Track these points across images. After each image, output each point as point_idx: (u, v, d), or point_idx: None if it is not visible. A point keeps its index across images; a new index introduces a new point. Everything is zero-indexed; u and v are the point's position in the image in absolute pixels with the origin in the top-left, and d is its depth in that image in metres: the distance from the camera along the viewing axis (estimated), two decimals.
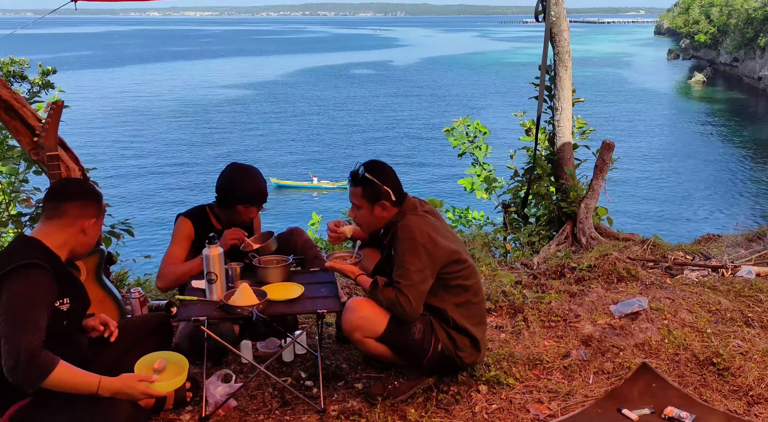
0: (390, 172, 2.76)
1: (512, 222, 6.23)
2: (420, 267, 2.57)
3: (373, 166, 2.74)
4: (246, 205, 3.18)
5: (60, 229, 2.25)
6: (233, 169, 3.23)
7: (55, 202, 2.27)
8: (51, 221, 2.25)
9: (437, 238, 2.64)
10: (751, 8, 45.98)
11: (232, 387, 2.75)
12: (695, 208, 21.37)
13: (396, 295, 2.56)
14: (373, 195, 2.71)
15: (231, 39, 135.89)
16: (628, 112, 38.48)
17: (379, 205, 2.72)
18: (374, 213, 2.74)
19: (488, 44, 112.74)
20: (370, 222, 2.78)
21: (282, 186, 22.89)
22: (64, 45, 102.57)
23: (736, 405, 2.73)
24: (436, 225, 2.73)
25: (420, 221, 2.66)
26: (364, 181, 2.71)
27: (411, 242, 2.58)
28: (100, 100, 43.05)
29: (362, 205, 2.74)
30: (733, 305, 3.75)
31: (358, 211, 2.77)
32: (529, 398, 2.81)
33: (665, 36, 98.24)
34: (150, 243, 13.19)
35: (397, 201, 2.74)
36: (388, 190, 2.70)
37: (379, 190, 2.70)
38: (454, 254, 2.67)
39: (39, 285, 2.11)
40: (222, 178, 3.22)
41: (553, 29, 5.81)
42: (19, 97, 3.62)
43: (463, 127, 6.88)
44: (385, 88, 51.43)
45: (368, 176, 2.70)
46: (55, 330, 2.18)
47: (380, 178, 2.71)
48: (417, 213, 2.72)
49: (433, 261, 2.61)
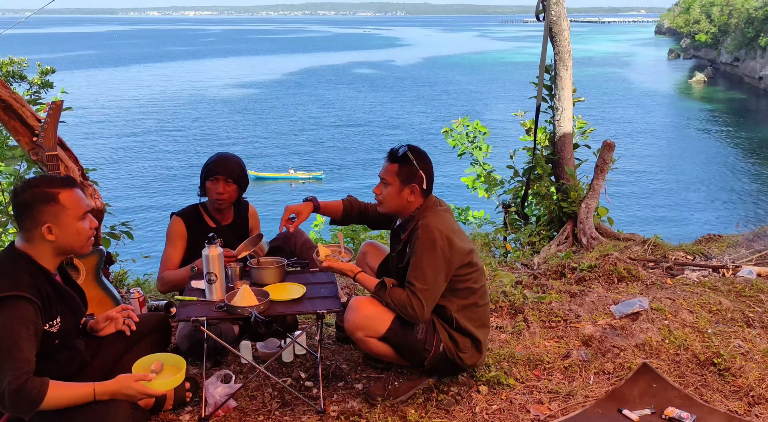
0: (429, 161, 2.76)
1: (512, 222, 6.22)
2: (436, 271, 2.56)
3: (416, 150, 2.75)
4: (211, 179, 3.21)
5: (34, 240, 2.17)
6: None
7: (15, 216, 2.21)
8: (22, 233, 2.19)
9: (455, 241, 2.63)
10: (752, 8, 46.00)
11: (232, 388, 2.75)
12: (696, 207, 21.37)
13: (408, 298, 2.54)
14: (408, 175, 2.69)
15: (233, 38, 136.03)
16: (628, 111, 38.50)
17: (410, 187, 2.70)
18: (402, 194, 2.72)
19: (488, 44, 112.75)
20: (394, 201, 2.75)
21: (260, 178, 24.84)
22: (65, 45, 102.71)
23: (737, 406, 2.73)
24: (454, 225, 2.73)
25: (440, 222, 2.64)
26: (403, 159, 2.70)
27: (431, 244, 2.57)
28: (104, 101, 43.09)
29: (393, 182, 2.72)
30: (734, 305, 3.74)
31: (385, 187, 2.74)
32: (530, 398, 2.81)
33: (666, 35, 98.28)
34: (150, 243, 13.20)
35: (426, 191, 2.74)
36: (422, 176, 2.70)
37: (415, 173, 2.69)
38: (467, 256, 2.67)
39: (24, 317, 2.06)
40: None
41: (554, 29, 5.80)
42: (19, 97, 3.61)
43: (462, 128, 6.88)
44: (386, 88, 51.42)
45: (410, 156, 2.70)
46: (45, 350, 2.16)
47: (420, 162, 2.71)
48: (437, 212, 2.71)
49: (449, 265, 2.60)
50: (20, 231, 2.19)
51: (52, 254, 2.21)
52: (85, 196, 2.27)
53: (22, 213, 2.15)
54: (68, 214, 2.17)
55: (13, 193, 2.19)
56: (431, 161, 2.78)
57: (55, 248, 2.19)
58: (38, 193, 2.14)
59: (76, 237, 2.21)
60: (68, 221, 2.17)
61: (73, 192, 2.20)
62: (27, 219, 2.15)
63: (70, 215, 2.17)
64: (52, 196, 2.15)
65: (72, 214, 2.18)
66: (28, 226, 2.15)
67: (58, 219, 2.16)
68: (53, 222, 2.15)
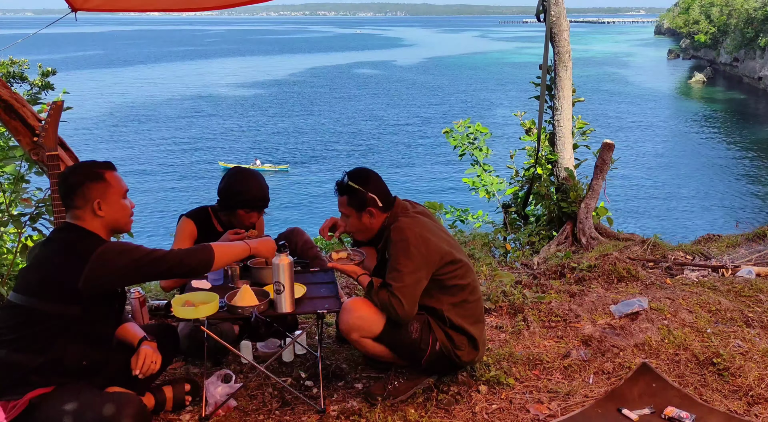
0: (375, 178, 2.74)
1: (512, 222, 6.23)
2: (413, 269, 2.56)
3: (357, 174, 2.73)
4: (247, 210, 3.18)
5: (86, 217, 2.29)
6: (237, 173, 3.23)
7: (64, 199, 2.31)
8: (74, 212, 2.29)
9: (430, 239, 2.63)
10: (752, 8, 46.02)
11: (232, 388, 2.75)
12: (695, 207, 21.37)
13: (388, 297, 2.55)
14: (359, 203, 2.69)
15: (235, 39, 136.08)
16: (628, 112, 38.50)
17: (366, 212, 2.70)
18: (362, 220, 2.73)
19: (488, 44, 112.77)
20: (360, 229, 2.77)
21: (226, 169, 24.75)
22: (65, 45, 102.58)
23: (736, 405, 2.73)
24: (428, 225, 2.72)
25: (412, 222, 2.65)
26: (348, 190, 2.70)
27: (404, 243, 2.57)
28: (104, 101, 43.09)
29: (350, 213, 2.73)
30: (733, 305, 3.75)
31: (347, 219, 2.77)
32: (529, 398, 2.81)
33: (665, 36, 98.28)
34: (149, 243, 13.19)
35: (385, 206, 2.72)
36: (373, 197, 2.68)
37: (364, 198, 2.68)
38: (448, 255, 2.66)
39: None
40: (225, 181, 3.22)
41: (553, 29, 5.81)
42: (19, 97, 3.61)
43: (463, 129, 6.88)
44: (386, 88, 51.45)
45: (352, 184, 2.69)
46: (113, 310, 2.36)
47: (365, 185, 2.69)
48: (408, 215, 2.71)
49: (427, 262, 2.60)
50: (71, 212, 2.30)
51: (104, 232, 2.33)
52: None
53: (74, 192, 2.28)
54: (113, 192, 2.33)
55: (61, 177, 2.34)
56: (378, 176, 2.75)
57: (105, 224, 2.32)
58: (86, 173, 2.31)
59: (122, 213, 2.36)
60: (114, 198, 2.33)
61: (114, 172, 2.38)
62: (78, 198, 2.28)
63: (115, 192, 2.33)
64: (99, 174, 2.32)
65: (117, 192, 2.34)
66: (79, 204, 2.29)
67: (106, 195, 2.30)
68: (102, 198, 2.29)
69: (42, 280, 2.19)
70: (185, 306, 2.52)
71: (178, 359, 3.11)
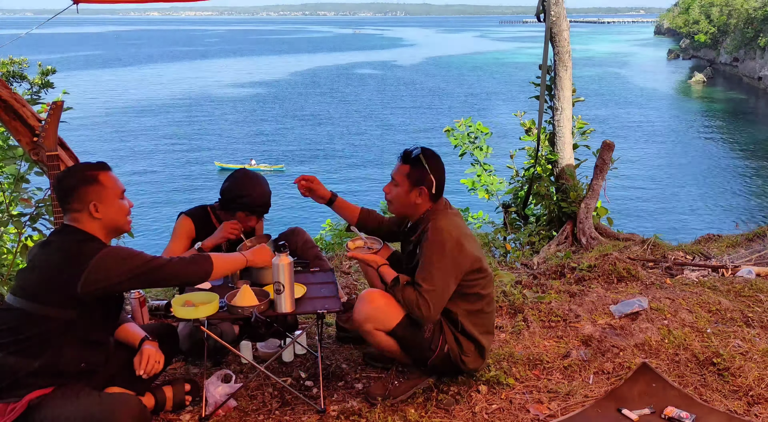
0: (442, 166, 2.75)
1: (512, 222, 6.23)
2: (445, 273, 2.56)
3: (430, 154, 2.74)
4: (247, 214, 3.20)
5: (83, 220, 2.29)
6: (242, 176, 3.24)
7: (61, 203, 2.30)
8: (72, 216, 2.29)
9: (464, 244, 2.62)
10: (751, 8, 46.04)
11: (232, 388, 2.75)
12: (695, 207, 21.37)
13: (416, 298, 2.54)
14: (418, 178, 2.69)
15: (235, 39, 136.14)
16: (628, 112, 38.50)
17: (418, 189, 2.70)
18: (410, 195, 2.72)
19: (488, 44, 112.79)
20: (401, 202, 2.75)
21: (224, 169, 25.40)
22: (66, 46, 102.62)
23: (736, 405, 2.73)
24: (465, 229, 2.72)
25: (451, 225, 2.64)
26: (415, 162, 2.70)
27: (440, 246, 2.57)
28: (104, 101, 43.09)
29: (402, 183, 2.72)
30: (733, 305, 3.75)
31: (395, 187, 2.75)
32: (529, 398, 2.81)
33: (665, 36, 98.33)
34: (150, 243, 13.21)
35: (435, 195, 2.73)
36: (432, 180, 2.69)
37: (425, 176, 2.69)
38: (477, 262, 2.67)
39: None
40: (229, 181, 3.24)
41: (553, 29, 5.81)
42: (19, 97, 3.61)
43: (464, 128, 6.89)
44: (385, 88, 51.46)
45: (422, 159, 2.69)
46: (110, 313, 2.37)
47: (431, 166, 2.70)
48: (447, 215, 2.71)
49: (458, 268, 2.60)
50: (69, 215, 2.30)
51: (103, 233, 2.32)
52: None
53: (70, 196, 2.28)
54: (109, 193, 2.32)
55: (56, 181, 2.34)
56: (444, 166, 2.76)
57: (103, 226, 2.32)
58: (80, 175, 2.31)
59: (120, 213, 2.35)
60: (110, 199, 2.32)
61: (109, 173, 2.37)
62: (75, 201, 2.28)
63: (110, 193, 2.33)
64: (93, 176, 2.31)
65: (112, 192, 2.33)
66: (76, 208, 2.29)
67: (101, 197, 2.30)
68: (98, 200, 2.28)
69: (40, 284, 2.18)
70: (185, 306, 2.52)
71: (178, 359, 3.11)
